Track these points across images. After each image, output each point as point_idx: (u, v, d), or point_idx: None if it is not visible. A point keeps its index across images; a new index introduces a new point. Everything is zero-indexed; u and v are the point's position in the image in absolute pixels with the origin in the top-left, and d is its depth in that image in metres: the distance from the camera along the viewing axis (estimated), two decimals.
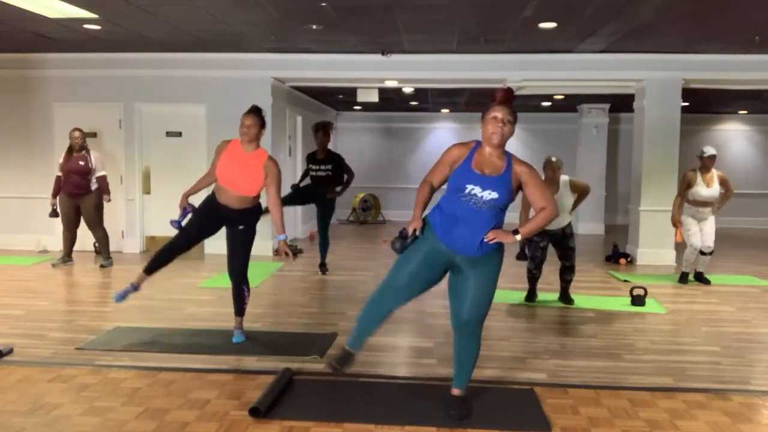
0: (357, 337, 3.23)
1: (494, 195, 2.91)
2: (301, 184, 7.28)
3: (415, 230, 3.01)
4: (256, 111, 4.26)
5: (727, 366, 4.08)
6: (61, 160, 7.27)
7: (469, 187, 2.92)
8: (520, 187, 3.02)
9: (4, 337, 4.40)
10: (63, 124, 8.15)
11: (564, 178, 5.52)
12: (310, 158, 7.05)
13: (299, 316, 5.27)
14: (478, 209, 2.93)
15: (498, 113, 2.94)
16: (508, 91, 3.02)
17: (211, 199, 4.29)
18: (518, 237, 3.00)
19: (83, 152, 7.18)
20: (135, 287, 4.34)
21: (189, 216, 4.32)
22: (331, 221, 7.18)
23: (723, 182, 6.63)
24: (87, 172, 7.17)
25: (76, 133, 7.19)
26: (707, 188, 6.57)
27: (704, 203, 6.61)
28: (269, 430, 2.99)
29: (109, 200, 7.38)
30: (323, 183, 6.89)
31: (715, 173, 6.61)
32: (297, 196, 7.13)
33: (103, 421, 3.05)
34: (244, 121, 4.19)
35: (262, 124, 4.25)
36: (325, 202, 6.97)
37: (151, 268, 4.34)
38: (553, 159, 5.47)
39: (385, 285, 3.12)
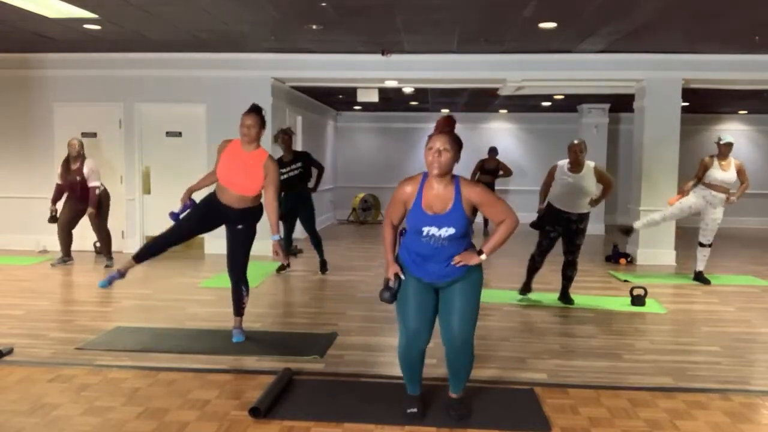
0: (409, 383, 3.22)
1: (451, 231, 2.93)
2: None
3: (396, 275, 3.05)
4: (256, 110, 4.21)
5: (727, 366, 4.08)
6: (59, 170, 7.25)
7: (426, 229, 2.95)
8: (476, 208, 3.02)
9: (4, 337, 4.40)
10: (63, 124, 8.16)
11: (590, 163, 5.53)
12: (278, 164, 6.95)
13: (299, 316, 5.27)
14: (440, 245, 2.97)
15: (435, 143, 2.92)
16: (448, 119, 3.00)
17: (212, 198, 4.26)
18: (483, 257, 3.02)
19: (78, 163, 7.11)
20: (122, 274, 4.21)
21: (188, 211, 4.30)
22: (315, 218, 7.06)
23: (740, 171, 6.77)
24: (84, 185, 7.13)
25: (74, 142, 7.15)
26: (723, 171, 6.68)
27: (719, 187, 6.70)
28: (269, 430, 3.00)
29: (92, 212, 7.12)
30: (296, 181, 6.80)
31: (732, 161, 6.74)
32: (287, 220, 6.92)
33: (103, 421, 3.06)
34: (245, 121, 4.14)
35: (262, 124, 4.21)
36: (305, 201, 6.90)
37: (141, 257, 4.26)
38: (576, 141, 5.52)
39: (402, 334, 3.11)
